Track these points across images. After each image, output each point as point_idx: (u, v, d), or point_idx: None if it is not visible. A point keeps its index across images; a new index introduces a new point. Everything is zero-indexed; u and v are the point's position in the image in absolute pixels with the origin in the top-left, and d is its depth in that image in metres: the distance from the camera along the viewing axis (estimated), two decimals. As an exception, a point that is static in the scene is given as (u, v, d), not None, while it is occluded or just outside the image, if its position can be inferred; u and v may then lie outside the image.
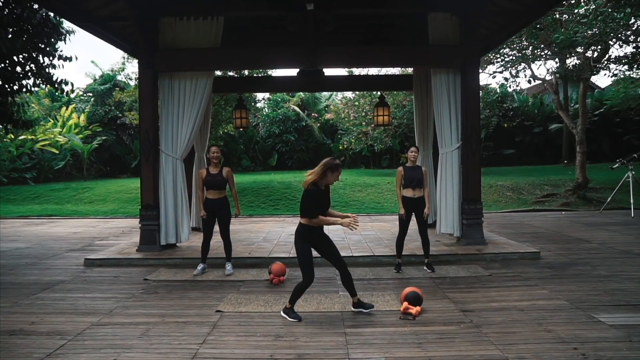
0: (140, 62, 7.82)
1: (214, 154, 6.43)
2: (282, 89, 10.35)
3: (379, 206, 15.10)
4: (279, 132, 25.44)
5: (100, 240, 9.62)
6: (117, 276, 6.50)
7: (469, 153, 7.87)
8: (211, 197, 6.47)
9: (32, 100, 25.09)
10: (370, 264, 7.03)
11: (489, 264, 6.90)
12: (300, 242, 4.60)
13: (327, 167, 4.49)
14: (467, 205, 7.87)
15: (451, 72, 7.98)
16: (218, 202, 6.45)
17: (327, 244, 4.72)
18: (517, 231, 9.97)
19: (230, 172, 6.54)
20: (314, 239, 4.62)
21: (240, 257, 7.21)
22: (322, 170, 4.50)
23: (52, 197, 17.80)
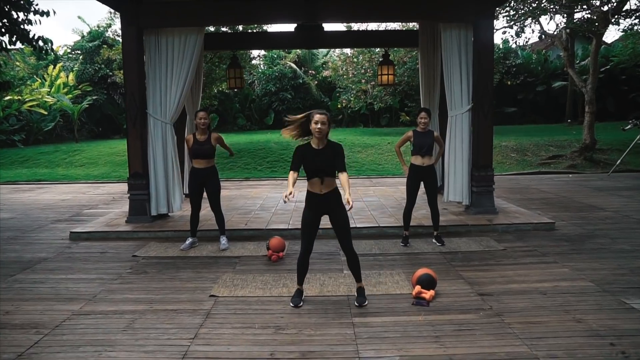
0: (123, 17, 7.11)
1: (201, 120, 5.87)
2: (278, 45, 9.67)
3: (379, 167, 14.63)
4: (275, 89, 24.62)
5: (89, 209, 9.15)
6: (104, 252, 6.06)
7: (481, 116, 7.32)
8: (198, 167, 5.95)
9: (17, 58, 24.12)
10: (375, 235, 6.60)
11: (502, 236, 6.48)
12: (304, 207, 4.24)
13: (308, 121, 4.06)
14: (478, 171, 7.39)
15: (462, 27, 7.32)
16: (206, 172, 5.94)
17: (335, 219, 4.18)
18: (525, 197, 9.55)
19: (219, 138, 6.01)
20: (316, 206, 4.14)
21: (236, 229, 6.77)
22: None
23: (41, 160, 17.22)
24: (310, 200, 4.15)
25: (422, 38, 8.94)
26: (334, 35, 9.26)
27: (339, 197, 4.18)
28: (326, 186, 4.07)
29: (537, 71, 24.55)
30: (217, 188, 6.07)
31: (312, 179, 4.08)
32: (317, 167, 4.04)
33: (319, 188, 4.07)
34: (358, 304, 4.13)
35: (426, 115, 5.89)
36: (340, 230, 4.17)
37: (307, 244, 4.18)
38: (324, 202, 4.11)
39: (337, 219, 4.16)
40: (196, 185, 6.01)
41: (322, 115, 4.00)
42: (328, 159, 4.08)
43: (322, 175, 4.04)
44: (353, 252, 4.20)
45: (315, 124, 3.98)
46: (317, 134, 3.99)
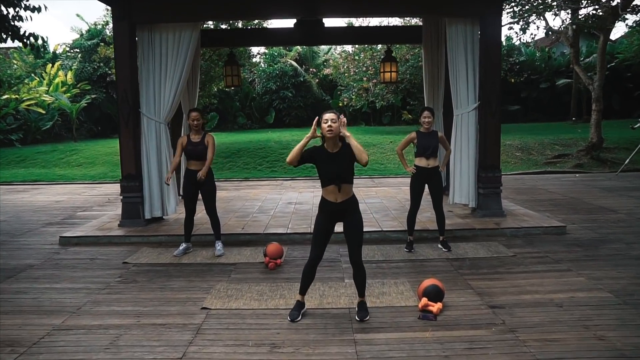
0: (115, 12, 6.82)
1: (194, 121, 5.58)
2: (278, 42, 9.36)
3: (381, 167, 14.33)
4: (276, 88, 24.32)
5: (82, 211, 8.88)
6: (94, 258, 5.78)
7: (488, 114, 7.02)
8: (193, 168, 5.66)
9: (16, 57, 23.87)
10: (378, 240, 6.31)
11: (510, 240, 6.19)
12: (317, 213, 3.99)
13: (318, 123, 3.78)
14: (484, 172, 7.09)
15: (469, 22, 7.02)
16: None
17: (349, 227, 3.90)
18: (532, 197, 9.25)
19: (212, 140, 5.71)
20: (330, 214, 3.86)
21: (232, 234, 6.49)
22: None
23: (38, 160, 16.97)
24: (325, 207, 3.88)
25: (426, 34, 8.63)
26: (335, 32, 8.96)
27: (356, 204, 3.93)
28: (343, 194, 3.81)
29: (540, 68, 24.21)
30: (213, 191, 5.79)
31: (327, 187, 3.81)
32: (333, 174, 3.76)
33: (334, 196, 3.80)
34: (360, 318, 3.84)
35: (430, 114, 5.59)
36: (353, 239, 3.90)
37: (318, 252, 3.91)
38: (339, 211, 3.85)
39: (352, 228, 3.90)
40: (190, 187, 5.73)
41: (332, 113, 3.72)
42: (345, 163, 3.79)
43: (339, 183, 3.77)
44: (361, 265, 3.92)
45: (325, 122, 3.70)
46: (328, 133, 3.70)
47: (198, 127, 5.60)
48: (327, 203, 3.83)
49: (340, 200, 3.80)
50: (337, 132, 3.71)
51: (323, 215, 3.89)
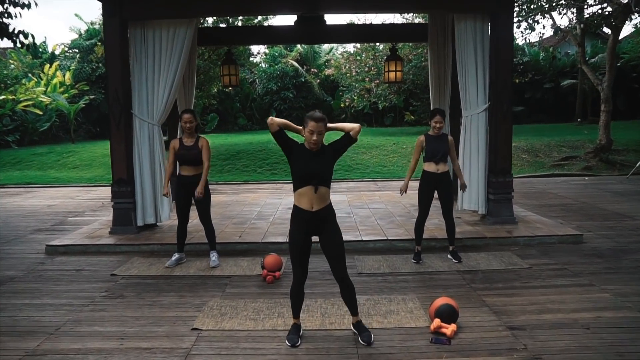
0: (105, 8, 6.46)
1: (186, 123, 5.22)
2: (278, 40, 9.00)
3: (384, 170, 13.97)
4: (277, 88, 23.99)
5: (74, 217, 8.52)
6: (81, 269, 5.42)
7: (499, 116, 6.65)
8: (185, 174, 5.30)
9: (13, 57, 23.57)
10: (383, 250, 5.94)
11: (524, 250, 5.81)
12: (290, 226, 3.52)
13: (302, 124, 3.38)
14: (495, 177, 6.72)
15: (479, 18, 6.65)
16: (194, 180, 5.28)
17: (327, 241, 3.46)
18: (542, 202, 8.88)
19: (207, 143, 5.34)
20: (306, 225, 3.41)
21: (229, 242, 6.12)
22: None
23: (34, 162, 16.64)
24: (298, 218, 3.43)
25: (432, 32, 8.26)
26: (337, 30, 8.58)
27: (333, 215, 3.52)
28: (320, 200, 3.38)
29: (545, 69, 23.82)
30: (207, 197, 5.42)
31: (301, 189, 3.37)
32: (311, 172, 3.33)
33: (309, 202, 3.37)
34: (365, 342, 3.46)
35: (441, 119, 5.21)
36: (333, 255, 3.47)
37: (301, 272, 3.51)
38: (315, 222, 3.42)
39: (330, 242, 3.47)
40: (183, 194, 5.37)
41: (320, 124, 3.28)
42: (326, 161, 3.42)
43: (317, 184, 3.34)
44: (348, 281, 3.51)
45: (311, 134, 3.29)
46: (312, 145, 3.34)
47: (191, 129, 5.24)
48: (301, 212, 3.40)
49: (316, 208, 3.38)
50: (320, 145, 3.36)
51: (297, 227, 3.44)
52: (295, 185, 3.41)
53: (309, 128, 3.28)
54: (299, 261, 3.49)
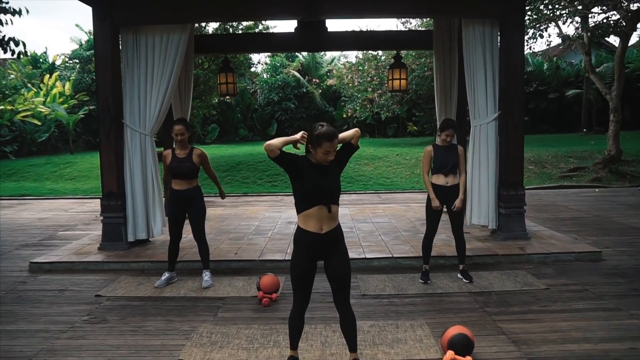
0: (95, 12, 6.15)
1: (177, 135, 4.88)
2: (277, 48, 8.72)
3: (388, 182, 13.60)
4: (278, 99, 23.74)
5: (65, 230, 8.17)
6: (64, 289, 5.05)
7: (510, 125, 6.30)
8: (177, 188, 4.96)
9: (13, 67, 23.42)
10: (387, 268, 5.56)
11: (539, 268, 5.43)
12: (294, 250, 3.13)
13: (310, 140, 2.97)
14: (506, 190, 6.35)
15: (487, 23, 6.34)
16: (187, 194, 4.94)
17: (334, 266, 3.06)
18: (553, 216, 8.50)
19: (203, 155, 5.00)
20: (312, 251, 3.02)
21: (223, 260, 5.75)
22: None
23: (30, 173, 16.33)
24: (305, 243, 3.02)
25: (437, 38, 7.94)
26: (339, 37, 8.28)
27: (342, 234, 3.14)
28: (331, 220, 3.01)
29: (549, 79, 23.55)
30: (202, 213, 5.07)
31: (310, 210, 2.96)
32: (323, 190, 2.95)
33: (319, 224, 2.97)
34: None
35: (453, 132, 4.86)
36: (339, 281, 3.07)
37: (302, 299, 3.12)
38: (323, 245, 3.02)
39: (338, 266, 3.06)
40: (176, 209, 5.01)
41: (335, 141, 2.91)
42: (336, 176, 3.06)
43: (329, 202, 2.97)
44: (350, 312, 3.11)
45: (326, 154, 2.92)
46: (324, 163, 2.98)
47: (183, 141, 4.90)
48: (308, 235, 2.98)
49: (326, 230, 2.98)
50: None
51: (303, 252, 3.02)
52: (302, 206, 3.00)
53: (324, 149, 2.88)
54: (300, 287, 3.10)
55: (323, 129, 2.90)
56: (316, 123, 3.00)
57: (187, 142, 4.95)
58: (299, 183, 2.97)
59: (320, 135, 2.88)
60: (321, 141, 2.88)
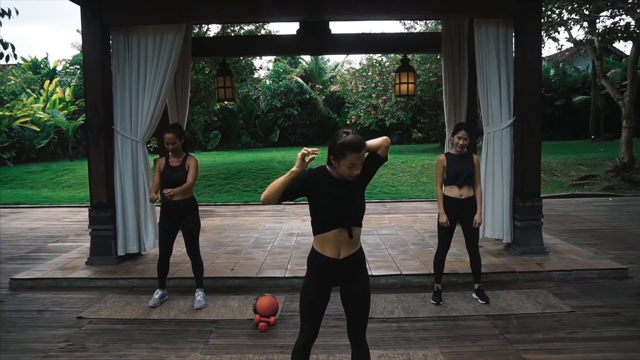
0: (84, 12, 5.79)
1: (168, 145, 4.50)
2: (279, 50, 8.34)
3: (393, 190, 13.18)
4: (281, 105, 23.41)
5: (55, 242, 7.79)
6: (44, 310, 4.65)
7: (526, 132, 5.89)
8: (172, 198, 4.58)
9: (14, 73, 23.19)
10: (396, 287, 5.14)
11: (561, 287, 4.99)
12: (307, 273, 2.69)
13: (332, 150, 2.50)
14: (522, 201, 5.93)
15: (501, 23, 5.94)
16: (181, 206, 4.55)
17: (352, 293, 2.63)
18: (568, 227, 8.07)
19: (195, 162, 4.60)
20: (327, 277, 2.60)
21: (219, 277, 5.34)
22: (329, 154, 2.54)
23: (27, 180, 15.99)
24: (319, 268, 2.59)
25: (446, 40, 7.57)
26: (343, 40, 7.90)
27: (364, 260, 2.70)
28: (351, 244, 2.57)
29: (555, 85, 23.17)
30: (196, 227, 4.67)
31: (328, 232, 2.52)
32: (344, 211, 2.52)
33: (337, 249, 2.54)
34: None
35: (466, 133, 4.44)
36: (358, 312, 2.65)
37: (312, 329, 2.67)
38: (341, 271, 2.60)
39: (357, 296, 2.63)
40: (168, 222, 4.62)
41: (362, 153, 2.44)
42: (359, 194, 2.60)
43: (350, 225, 2.53)
44: (365, 346, 2.68)
45: (351, 167, 2.45)
46: (348, 178, 2.52)
47: (175, 150, 4.52)
48: (324, 260, 2.55)
49: (344, 255, 2.55)
50: None
51: (316, 277, 2.61)
52: (318, 228, 2.56)
53: (348, 161, 2.42)
54: (310, 316, 2.65)
55: (348, 137, 2.43)
56: (339, 130, 2.54)
57: (182, 149, 4.56)
58: (316, 202, 2.54)
59: (345, 145, 2.42)
60: (346, 152, 2.42)
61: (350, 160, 2.42)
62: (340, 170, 2.48)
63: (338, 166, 2.48)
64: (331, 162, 2.52)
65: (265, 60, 23.29)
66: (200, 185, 13.64)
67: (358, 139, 2.44)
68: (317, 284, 2.63)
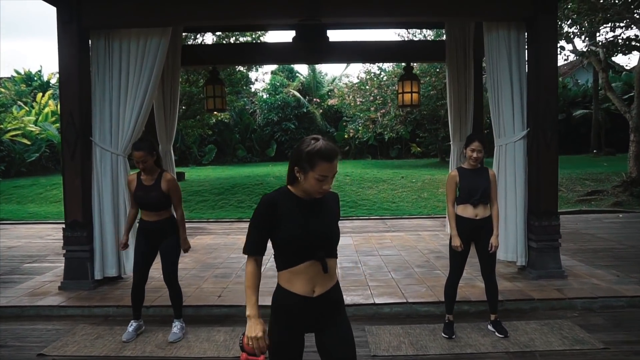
0: (60, 13, 5.31)
1: (139, 164, 3.98)
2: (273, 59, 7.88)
3: (393, 206, 12.66)
4: (278, 119, 23.05)
5: (32, 262, 7.23)
6: (3, 345, 4.09)
7: (542, 144, 5.41)
8: (146, 219, 4.06)
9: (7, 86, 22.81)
10: (401, 317, 4.60)
11: (586, 317, 4.47)
12: (271, 318, 2.16)
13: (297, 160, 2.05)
14: (538, 220, 5.42)
15: (513, 27, 5.50)
16: (157, 227, 4.03)
17: (331, 339, 2.12)
18: (583, 246, 7.56)
19: (173, 184, 4.08)
20: (298, 320, 2.10)
21: (203, 306, 4.79)
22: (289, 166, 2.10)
23: (14, 195, 15.42)
24: (288, 310, 2.09)
25: (450, 48, 7.15)
26: (342, 47, 7.47)
27: (341, 298, 2.19)
28: (327, 279, 2.08)
29: (556, 99, 22.82)
30: (173, 251, 4.13)
31: (297, 267, 2.06)
32: (316, 237, 2.04)
33: (309, 284, 2.06)
34: None
35: (480, 145, 3.95)
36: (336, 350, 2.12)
37: None
38: (316, 312, 2.09)
39: (336, 346, 2.11)
40: (142, 243, 4.10)
41: (333, 164, 2.01)
42: (332, 219, 2.15)
43: (324, 256, 2.05)
44: None
45: (321, 181, 2.01)
46: (316, 195, 2.07)
47: (146, 169, 4.00)
48: (294, 298, 2.06)
49: (319, 291, 2.08)
50: None
51: (285, 323, 2.11)
52: (284, 261, 2.09)
53: (318, 173, 1.99)
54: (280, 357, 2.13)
55: (318, 144, 1.99)
56: (307, 136, 2.10)
57: (156, 166, 4.05)
58: (280, 230, 2.04)
59: (315, 152, 1.98)
60: (315, 161, 1.97)
61: (320, 172, 1.98)
62: (308, 184, 2.02)
63: (305, 180, 2.02)
64: (296, 177, 2.04)
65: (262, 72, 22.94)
66: (192, 201, 13.12)
67: (330, 145, 2.02)
68: (287, 330, 2.11)
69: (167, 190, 3.99)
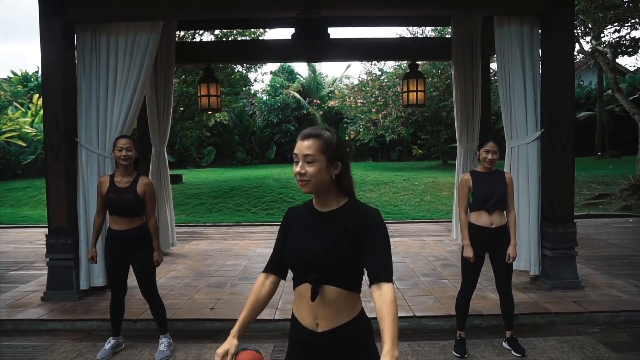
0: (42, 6, 4.98)
1: (122, 151, 3.63)
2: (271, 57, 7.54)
3: (396, 210, 12.32)
4: (278, 121, 22.72)
5: (18, 269, 6.88)
6: (-26, 364, 3.77)
7: (557, 146, 5.07)
8: (115, 228, 3.70)
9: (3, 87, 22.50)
10: (408, 332, 4.25)
11: (609, 333, 4.12)
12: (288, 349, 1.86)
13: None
14: (553, 227, 5.08)
15: (526, 22, 5.17)
16: (128, 237, 3.67)
17: None
18: (595, 253, 7.21)
19: (151, 188, 3.73)
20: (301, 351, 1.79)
21: (195, 319, 4.45)
22: None
23: (8, 198, 15.10)
24: (295, 339, 1.80)
25: (457, 44, 6.83)
26: (343, 44, 7.14)
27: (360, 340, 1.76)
28: (329, 313, 1.70)
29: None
30: (147, 261, 3.75)
31: (297, 287, 1.76)
32: (303, 258, 1.72)
33: (311, 315, 1.72)
34: None
35: (496, 146, 3.61)
36: None
37: None
38: (323, 351, 1.74)
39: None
40: (112, 256, 3.75)
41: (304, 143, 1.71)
42: (338, 240, 1.69)
43: (316, 280, 1.68)
44: None
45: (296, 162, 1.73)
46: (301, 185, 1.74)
47: (127, 161, 3.64)
48: (299, 329, 1.76)
49: (324, 327, 1.71)
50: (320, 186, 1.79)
51: (291, 354, 1.83)
52: (294, 279, 1.80)
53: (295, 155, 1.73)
54: None
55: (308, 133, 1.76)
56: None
57: (133, 167, 3.70)
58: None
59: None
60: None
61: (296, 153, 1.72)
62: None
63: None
64: None
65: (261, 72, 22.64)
66: (189, 204, 12.79)
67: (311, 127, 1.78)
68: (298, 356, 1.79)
69: (142, 194, 3.64)
